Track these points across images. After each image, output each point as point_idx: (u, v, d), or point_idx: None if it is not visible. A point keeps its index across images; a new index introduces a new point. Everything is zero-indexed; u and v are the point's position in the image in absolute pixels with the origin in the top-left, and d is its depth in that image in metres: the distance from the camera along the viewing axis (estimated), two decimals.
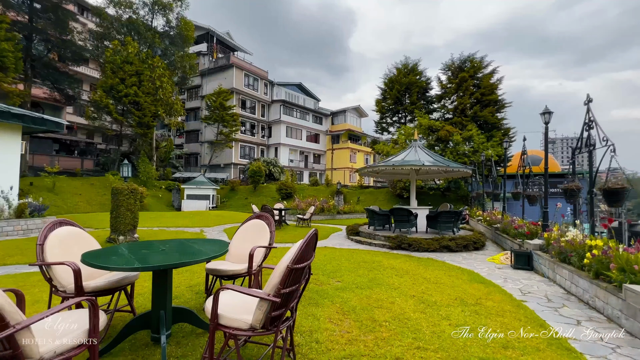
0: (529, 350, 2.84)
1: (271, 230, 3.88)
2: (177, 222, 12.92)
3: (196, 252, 2.89)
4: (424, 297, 4.18)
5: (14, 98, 16.88)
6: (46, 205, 10.30)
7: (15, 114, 9.28)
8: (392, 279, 4.96)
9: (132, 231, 8.04)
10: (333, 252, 7.14)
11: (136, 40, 23.77)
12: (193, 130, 38.01)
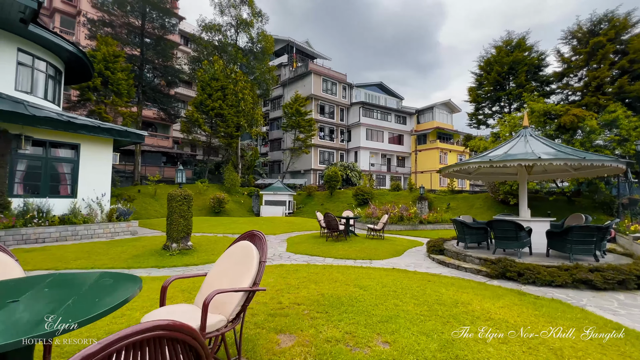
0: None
1: (261, 259, 2.44)
2: (245, 228, 12.70)
3: (68, 312, 1.54)
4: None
5: (126, 119, 19.88)
6: (131, 210, 11.17)
7: (104, 128, 10.27)
8: (487, 349, 2.89)
9: (186, 239, 7.70)
10: (399, 279, 5.25)
11: (222, 59, 25.85)
12: (276, 139, 39.80)
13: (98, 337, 2.87)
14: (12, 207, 8.65)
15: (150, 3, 22.55)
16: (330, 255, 7.91)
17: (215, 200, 19.71)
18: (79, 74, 16.45)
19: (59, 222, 9.18)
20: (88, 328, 2.99)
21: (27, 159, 9.23)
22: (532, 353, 2.77)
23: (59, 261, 6.35)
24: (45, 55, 13.56)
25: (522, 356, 2.71)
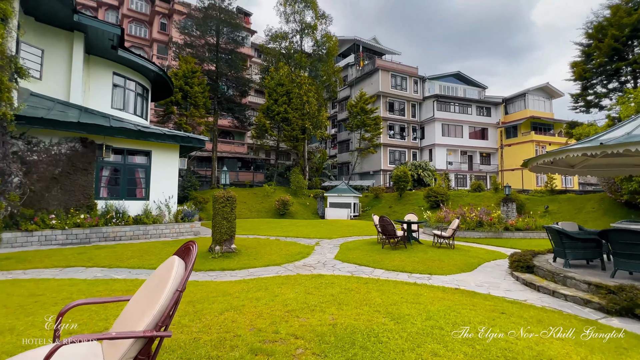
0: None
1: (178, 288, 1.66)
2: (302, 231, 12.28)
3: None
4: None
5: (203, 128, 21.75)
6: (194, 212, 11.81)
7: (169, 135, 11.07)
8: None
9: (229, 241, 7.54)
10: (457, 308, 3.91)
11: (288, 64, 26.50)
12: (344, 141, 39.25)
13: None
14: (97, 209, 9.86)
15: (224, 22, 24.46)
16: (381, 266, 6.78)
17: (280, 203, 20.03)
18: (162, 91, 18.54)
19: (132, 222, 10.14)
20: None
21: (109, 165, 10.46)
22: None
23: (116, 259, 6.76)
24: (134, 76, 15.48)
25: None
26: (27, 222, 8.51)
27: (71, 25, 11.46)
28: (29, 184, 8.89)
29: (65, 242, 8.83)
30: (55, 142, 9.43)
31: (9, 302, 3.88)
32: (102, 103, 14.12)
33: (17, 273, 5.61)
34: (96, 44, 12.77)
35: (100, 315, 3.39)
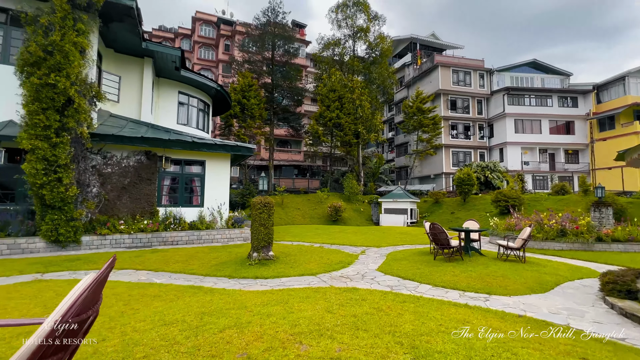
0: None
1: (55, 326, 1.33)
2: (349, 238, 11.73)
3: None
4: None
5: (258, 137, 22.75)
6: (244, 218, 12.16)
7: (220, 144, 11.64)
8: None
9: (267, 248, 7.43)
10: (516, 347, 3.02)
11: (340, 70, 26.40)
12: (402, 144, 37.48)
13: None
14: (159, 215, 10.77)
15: (278, 36, 25.54)
16: (428, 280, 5.91)
17: (332, 209, 19.73)
18: (222, 106, 19.91)
19: (188, 228, 10.82)
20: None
21: (169, 175, 11.39)
22: None
23: (163, 263, 7.14)
24: (197, 94, 16.86)
25: None
26: (101, 227, 9.64)
27: (141, 53, 12.91)
28: (104, 194, 10.10)
29: (131, 245, 9.77)
30: (125, 156, 10.59)
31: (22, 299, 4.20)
32: (169, 119, 15.65)
33: (80, 273, 6.24)
34: (163, 67, 14.23)
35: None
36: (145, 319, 3.53)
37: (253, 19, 26.25)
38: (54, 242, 8.81)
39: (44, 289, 4.97)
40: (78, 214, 9.01)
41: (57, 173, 8.49)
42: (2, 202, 9.24)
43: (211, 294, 4.78)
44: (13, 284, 5.41)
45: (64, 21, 8.68)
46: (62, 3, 8.67)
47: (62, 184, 8.54)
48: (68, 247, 8.98)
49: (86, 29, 9.15)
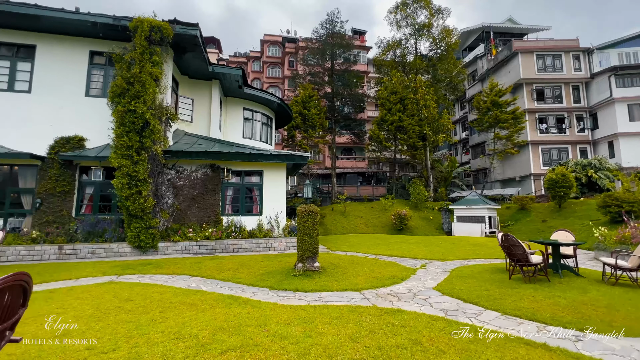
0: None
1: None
2: (411, 249, 10.69)
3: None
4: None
5: (321, 146, 22.97)
6: None
7: (275, 154, 11.95)
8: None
9: (312, 259, 7.15)
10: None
11: (401, 71, 25.20)
12: (478, 144, 33.75)
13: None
14: (222, 224, 11.49)
15: (336, 45, 25.76)
16: (498, 306, 4.84)
17: (397, 217, 18.59)
18: (284, 118, 20.74)
19: (247, 236, 11.28)
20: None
21: (231, 186, 12.12)
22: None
23: (216, 271, 7.45)
24: (260, 109, 17.89)
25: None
26: (174, 234, 10.69)
27: (209, 76, 14.24)
28: (176, 204, 11.23)
29: (198, 252, 10.59)
30: (194, 170, 11.65)
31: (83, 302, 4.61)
32: (236, 134, 16.88)
33: (145, 277, 6.88)
34: (229, 87, 15.46)
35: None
36: (165, 330, 3.56)
37: (312, 33, 27.03)
38: (137, 248, 10.06)
39: (108, 291, 5.54)
40: (155, 222, 10.15)
41: (137, 187, 9.72)
42: (102, 212, 10.98)
43: (243, 306, 4.68)
44: (92, 284, 6.20)
45: (142, 55, 10.04)
46: (141, 40, 10.06)
47: (141, 196, 9.74)
48: (148, 252, 10.16)
49: (159, 60, 10.42)
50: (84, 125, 10.90)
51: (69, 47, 11.17)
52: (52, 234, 9.88)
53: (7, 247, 9.29)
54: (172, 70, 12.68)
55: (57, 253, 9.59)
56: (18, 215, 10.54)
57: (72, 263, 8.71)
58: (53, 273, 7.19)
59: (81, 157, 10.35)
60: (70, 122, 10.82)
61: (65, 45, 11.15)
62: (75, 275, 7.03)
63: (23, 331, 3.56)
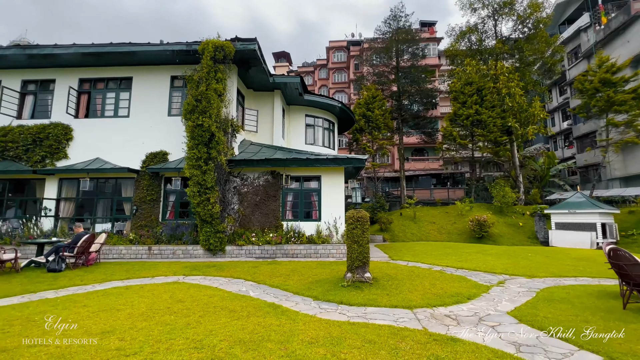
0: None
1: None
2: (488, 262, 9.14)
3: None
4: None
5: (386, 148, 21.96)
6: None
7: (331, 158, 11.72)
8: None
9: (362, 269, 6.61)
10: None
11: (476, 59, 22.51)
12: (586, 135, 27.91)
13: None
14: (283, 229, 11.73)
15: (401, 41, 24.51)
16: (600, 348, 3.59)
17: (475, 223, 16.43)
18: (347, 122, 20.53)
19: (306, 241, 11.26)
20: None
21: (290, 191, 12.32)
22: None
23: (268, 276, 7.51)
24: (322, 114, 18.05)
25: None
26: (239, 238, 11.33)
27: (271, 87, 14.91)
28: (241, 210, 11.91)
29: (260, 255, 10.98)
30: (256, 177, 12.22)
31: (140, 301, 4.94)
32: (299, 141, 17.31)
33: (208, 279, 7.31)
34: (290, 95, 15.97)
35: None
36: (190, 337, 3.56)
37: (374, 32, 26.27)
38: (208, 250, 10.95)
39: (168, 291, 6.00)
40: (222, 227, 10.91)
41: (206, 194, 10.61)
42: (181, 218, 12.33)
43: (278, 317, 4.48)
44: (160, 283, 6.85)
45: (208, 74, 11.00)
46: (207, 60, 11.05)
47: (209, 202, 10.58)
48: (217, 254, 10.97)
49: (223, 76, 11.27)
50: (167, 141, 12.44)
51: (155, 75, 12.96)
52: (144, 236, 11.47)
53: (113, 246, 11.11)
54: (238, 84, 13.63)
55: (147, 253, 11.06)
56: (122, 219, 12.56)
57: (155, 262, 9.90)
58: (137, 271, 8.23)
59: (164, 169, 11.81)
60: (156, 140, 12.49)
61: (153, 73, 12.98)
62: (152, 273, 7.91)
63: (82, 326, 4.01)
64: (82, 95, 13.14)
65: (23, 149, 12.43)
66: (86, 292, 6.08)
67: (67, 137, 12.59)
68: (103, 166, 11.96)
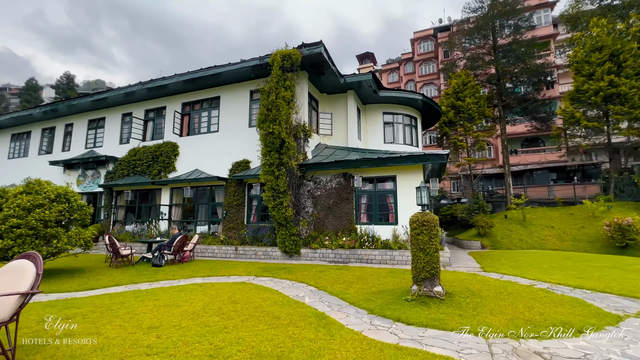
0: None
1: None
2: (626, 280, 6.62)
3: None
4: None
5: (482, 140, 19.00)
6: (443, 238, 10.11)
7: (405, 156, 10.63)
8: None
9: (430, 281, 5.57)
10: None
11: (607, 17, 17.43)
12: None
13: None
14: (357, 233, 11.22)
15: (497, 15, 21.01)
16: None
17: (613, 228, 12.49)
18: (432, 116, 18.72)
19: (381, 247, 10.46)
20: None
21: (364, 193, 11.72)
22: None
23: (332, 282, 7.14)
24: (401, 110, 16.95)
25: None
26: (313, 241, 11.34)
27: (344, 87, 14.69)
28: (315, 213, 11.93)
29: (333, 260, 10.73)
30: (328, 180, 12.08)
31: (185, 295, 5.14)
32: (377, 141, 16.55)
33: (275, 281, 7.44)
34: (365, 94, 15.45)
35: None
36: (214, 343, 3.47)
37: (461, 11, 23.22)
38: (284, 252, 11.32)
39: (231, 291, 6.27)
40: (295, 230, 11.12)
41: (279, 198, 11.00)
42: (262, 221, 13.14)
43: (317, 330, 4.06)
44: (231, 282, 7.27)
45: (277, 83, 11.48)
46: (276, 70, 11.56)
47: (282, 206, 10.93)
48: (293, 257, 11.22)
49: (291, 83, 11.59)
50: (249, 150, 13.50)
51: (237, 91, 14.31)
52: (231, 237, 12.65)
53: (208, 246, 12.60)
54: (310, 90, 13.88)
55: (234, 253, 12.14)
56: (216, 222, 14.19)
57: (237, 262, 10.73)
58: (218, 269, 9.02)
59: (246, 176, 12.82)
60: (240, 150, 13.70)
61: (236, 90, 14.36)
62: (230, 272, 8.52)
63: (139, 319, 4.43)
64: (184, 117, 15.51)
65: (146, 165, 15.38)
66: (169, 286, 6.88)
67: (174, 153, 15.01)
68: (199, 176, 13.77)
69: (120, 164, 16.24)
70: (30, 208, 7.18)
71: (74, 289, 6.68)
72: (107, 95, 16.37)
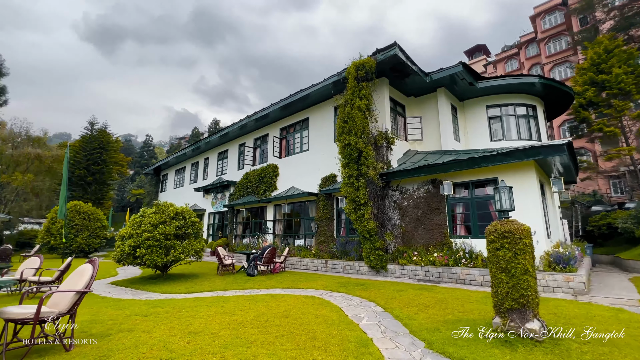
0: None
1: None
2: None
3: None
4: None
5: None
6: (572, 257, 7.52)
7: (503, 153, 8.62)
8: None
9: (521, 313, 4.14)
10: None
11: None
12: None
13: None
14: (452, 247, 9.66)
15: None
16: None
17: None
18: (560, 101, 15.01)
19: (481, 265, 8.63)
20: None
21: (459, 201, 10.06)
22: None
23: (403, 304, 6.28)
24: (512, 99, 14.34)
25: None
26: (401, 256, 10.37)
27: (432, 86, 13.40)
28: (402, 225, 10.96)
29: (423, 278, 9.50)
30: (416, 188, 10.98)
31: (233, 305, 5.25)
32: (481, 139, 14.26)
33: (344, 297, 7.13)
34: (459, 89, 13.71)
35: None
36: (226, 358, 3.43)
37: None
38: (370, 268, 10.75)
39: (292, 304, 6.27)
40: (379, 244, 10.45)
41: (360, 210, 10.63)
42: (350, 235, 12.93)
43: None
44: (302, 295, 7.32)
45: (352, 94, 11.38)
46: (351, 82, 11.51)
47: (364, 218, 10.50)
48: (379, 272, 10.53)
49: (366, 92, 11.27)
50: (334, 165, 13.67)
51: (323, 109, 14.92)
52: (322, 251, 12.91)
53: (302, 259, 13.21)
54: (394, 95, 13.25)
55: (324, 266, 12.31)
56: (310, 236, 14.81)
57: (322, 275, 10.80)
58: (299, 282, 9.28)
59: (331, 190, 12.99)
60: (327, 165, 14.07)
61: (321, 109, 15.01)
62: (308, 285, 8.63)
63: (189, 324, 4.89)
64: (282, 140, 17.14)
65: (254, 186, 17.59)
66: (246, 295, 7.45)
67: (275, 173, 16.66)
68: (294, 192, 14.77)
69: (237, 187, 19.14)
70: (156, 224, 9.22)
71: (181, 291, 8.04)
72: (228, 130, 19.77)
